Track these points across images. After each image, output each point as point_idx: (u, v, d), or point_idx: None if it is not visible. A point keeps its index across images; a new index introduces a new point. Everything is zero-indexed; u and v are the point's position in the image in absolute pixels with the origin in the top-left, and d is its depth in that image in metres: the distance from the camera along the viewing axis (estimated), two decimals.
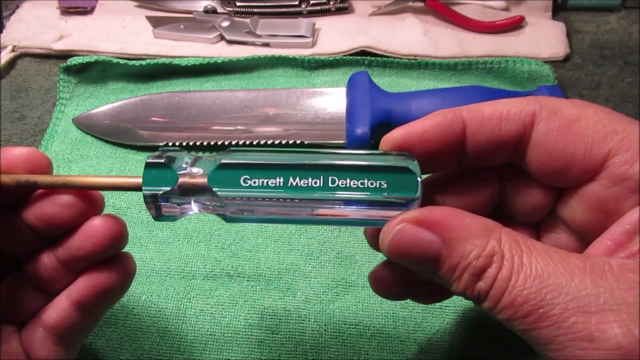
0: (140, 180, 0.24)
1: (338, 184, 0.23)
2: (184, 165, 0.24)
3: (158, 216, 0.25)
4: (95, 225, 0.25)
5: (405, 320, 0.35)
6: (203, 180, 0.23)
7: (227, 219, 0.24)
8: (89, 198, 0.25)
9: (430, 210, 0.22)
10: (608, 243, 0.21)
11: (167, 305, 0.36)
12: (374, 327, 0.35)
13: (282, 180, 0.23)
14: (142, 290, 0.37)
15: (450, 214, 0.22)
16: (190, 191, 0.24)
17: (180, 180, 0.23)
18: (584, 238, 0.25)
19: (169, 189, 0.23)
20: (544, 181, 0.25)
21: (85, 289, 0.26)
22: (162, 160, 0.24)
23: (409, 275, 0.27)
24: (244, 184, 0.23)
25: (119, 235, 0.25)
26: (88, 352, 0.34)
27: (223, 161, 0.23)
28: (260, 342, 0.35)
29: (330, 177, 0.23)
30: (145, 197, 0.24)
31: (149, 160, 0.24)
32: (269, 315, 0.36)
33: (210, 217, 0.40)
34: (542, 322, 0.19)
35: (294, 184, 0.23)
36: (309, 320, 0.36)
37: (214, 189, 0.23)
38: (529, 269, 0.19)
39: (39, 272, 0.26)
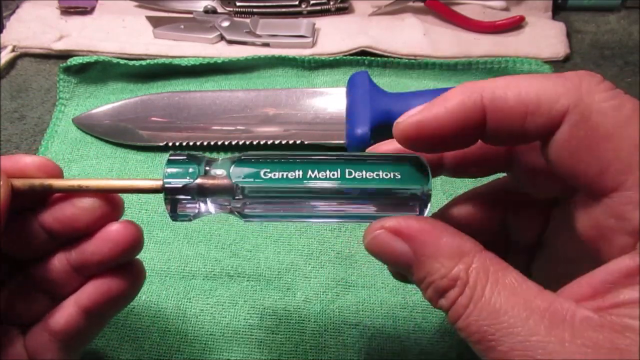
0: (160, 183, 0.24)
1: (355, 176, 0.24)
2: (206, 168, 0.24)
3: (174, 214, 0.25)
4: (114, 231, 0.25)
5: (405, 320, 0.35)
6: (223, 180, 0.24)
7: (244, 216, 0.25)
8: (111, 202, 0.25)
9: (407, 222, 0.22)
10: (584, 288, 0.20)
11: (167, 305, 0.36)
12: (374, 327, 0.35)
13: (300, 173, 0.24)
14: (142, 290, 0.37)
15: (427, 229, 0.22)
16: (210, 191, 0.24)
17: (201, 180, 0.24)
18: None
19: (191, 181, 0.24)
20: (555, 174, 0.23)
21: (95, 295, 0.25)
22: (184, 157, 0.24)
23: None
24: (264, 177, 0.24)
25: (137, 242, 0.25)
26: (88, 352, 0.34)
27: (243, 157, 0.24)
28: (260, 342, 0.35)
29: (347, 170, 0.24)
30: (166, 191, 0.24)
31: (170, 157, 0.24)
32: (269, 315, 0.36)
33: (211, 217, 0.40)
34: (490, 353, 0.19)
35: (312, 176, 0.24)
36: (309, 320, 0.36)
37: (234, 180, 0.23)
38: (487, 302, 0.20)
39: (48, 275, 0.25)
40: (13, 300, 0.26)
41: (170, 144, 0.44)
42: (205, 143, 0.44)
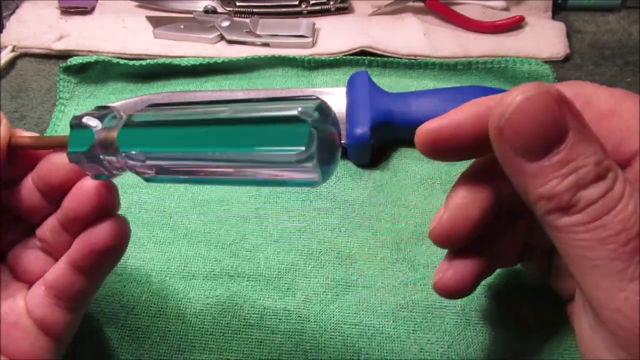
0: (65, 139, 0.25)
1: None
2: (93, 124, 0.25)
3: (81, 165, 0.25)
4: (83, 186, 0.26)
5: (405, 320, 0.35)
6: (112, 133, 0.24)
7: (146, 174, 0.24)
8: None
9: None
10: None
11: (167, 305, 0.36)
12: (374, 327, 0.35)
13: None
14: (142, 290, 0.37)
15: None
16: (103, 144, 0.24)
17: (95, 137, 0.24)
18: None
19: (85, 149, 0.24)
20: None
21: (79, 249, 0.26)
22: (80, 122, 0.25)
23: (475, 267, 0.26)
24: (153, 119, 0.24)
25: (107, 195, 0.26)
26: (88, 352, 0.34)
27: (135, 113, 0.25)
28: (260, 342, 0.35)
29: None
30: (69, 158, 0.25)
31: (71, 122, 0.25)
32: (269, 315, 0.36)
33: (211, 217, 0.40)
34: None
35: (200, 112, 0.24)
36: (309, 320, 0.36)
37: (122, 113, 0.24)
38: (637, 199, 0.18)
39: (45, 236, 0.27)
40: (20, 258, 0.28)
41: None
42: None
